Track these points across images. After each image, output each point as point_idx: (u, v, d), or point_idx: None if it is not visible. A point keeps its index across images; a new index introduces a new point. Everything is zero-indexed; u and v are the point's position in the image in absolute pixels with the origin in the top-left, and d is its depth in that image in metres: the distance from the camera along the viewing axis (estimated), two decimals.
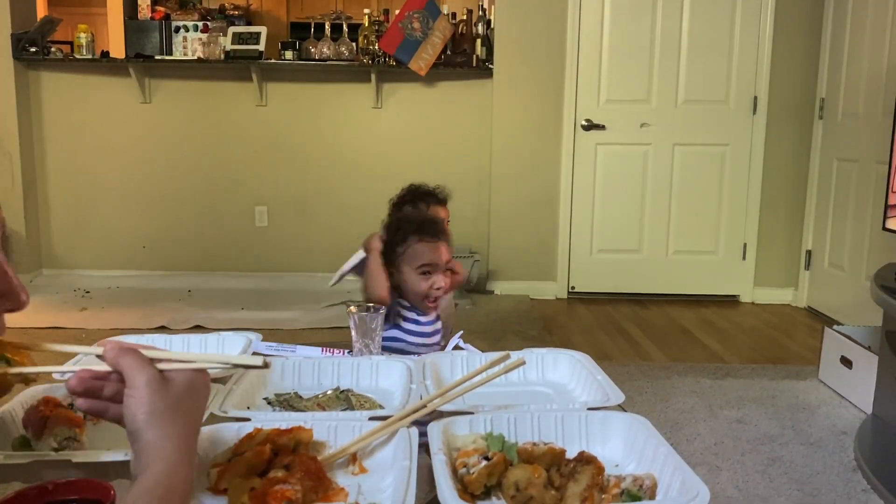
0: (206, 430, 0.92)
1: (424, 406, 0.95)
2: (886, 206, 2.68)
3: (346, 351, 1.26)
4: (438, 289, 1.57)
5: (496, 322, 3.71)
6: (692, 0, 4.03)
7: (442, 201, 2.30)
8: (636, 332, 3.64)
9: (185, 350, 1.35)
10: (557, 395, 1.14)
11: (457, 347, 1.31)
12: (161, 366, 0.72)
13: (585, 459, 0.86)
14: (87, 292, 4.15)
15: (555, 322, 3.83)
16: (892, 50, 3.25)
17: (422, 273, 1.58)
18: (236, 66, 4.25)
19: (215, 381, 1.11)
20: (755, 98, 4.07)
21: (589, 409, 0.99)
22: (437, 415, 0.95)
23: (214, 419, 0.95)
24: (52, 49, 4.31)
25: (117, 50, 5.63)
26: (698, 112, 4.11)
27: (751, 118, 4.10)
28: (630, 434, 0.93)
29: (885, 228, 2.69)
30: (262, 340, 1.35)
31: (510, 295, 4.25)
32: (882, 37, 3.39)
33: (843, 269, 3.74)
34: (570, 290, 4.30)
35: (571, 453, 0.89)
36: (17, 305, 0.71)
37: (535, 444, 0.90)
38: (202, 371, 0.75)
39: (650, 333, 3.62)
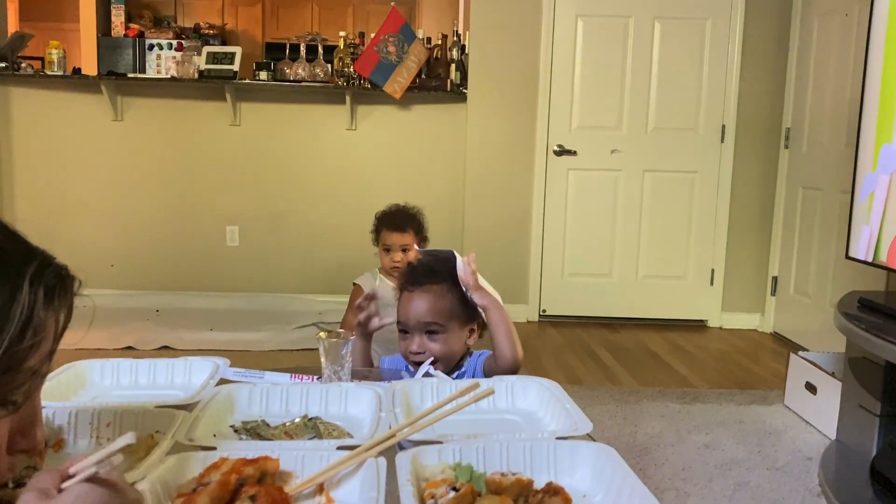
0: (171, 459, 0.91)
1: (393, 436, 0.95)
2: (849, 234, 2.73)
3: (316, 377, 1.26)
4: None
5: None
6: (662, 31, 4.11)
7: (395, 227, 2.51)
8: (606, 356, 3.66)
9: (151, 373, 1.34)
10: (526, 424, 1.15)
11: (427, 374, 1.31)
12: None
13: (553, 490, 0.87)
14: None
15: (526, 345, 3.80)
16: (855, 82, 3.34)
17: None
18: (210, 85, 4.24)
19: (181, 407, 1.10)
20: (723, 126, 4.16)
21: (558, 438, 0.99)
22: (406, 443, 0.95)
23: (180, 447, 0.94)
24: (23, 65, 4.27)
25: (89, 67, 5.59)
26: (668, 139, 4.18)
27: (719, 146, 4.18)
28: (598, 464, 0.94)
29: (848, 256, 2.75)
30: (231, 365, 1.34)
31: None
32: (845, 69, 3.49)
33: (808, 296, 3.80)
34: (542, 314, 4.32)
35: (540, 483, 0.89)
36: (33, 447, 0.71)
37: (503, 474, 0.90)
38: (100, 480, 0.68)
39: (620, 357, 3.65)
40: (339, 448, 0.94)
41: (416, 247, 2.46)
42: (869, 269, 2.95)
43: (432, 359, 1.35)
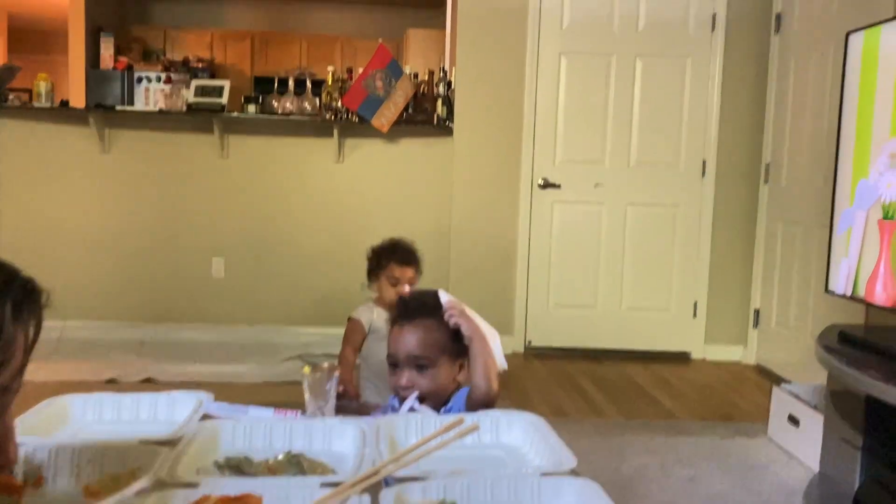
0: (153, 497, 0.91)
1: (377, 472, 0.95)
2: (828, 269, 2.77)
3: (300, 412, 1.26)
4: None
5: None
6: (644, 69, 4.19)
7: (402, 261, 2.55)
8: (591, 388, 3.67)
9: (134, 408, 1.33)
10: (511, 459, 1.16)
11: (412, 409, 1.32)
12: None
13: None
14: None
15: (512, 377, 3.84)
16: (832, 119, 3.41)
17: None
18: (198, 118, 4.27)
19: (164, 443, 1.10)
20: (704, 162, 4.23)
21: (542, 474, 1.00)
22: (391, 480, 0.96)
23: (161, 484, 0.94)
24: (11, 96, 4.28)
25: (77, 99, 5.62)
26: (650, 174, 4.24)
27: (700, 181, 4.24)
28: (582, 500, 0.95)
29: (827, 290, 2.79)
30: (215, 400, 1.34)
31: None
32: (821, 106, 3.57)
33: (789, 328, 3.84)
34: (527, 345, 4.33)
35: None
36: (7, 463, 0.71)
37: None
38: None
39: (605, 389, 3.65)
40: (323, 485, 0.95)
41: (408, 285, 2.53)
42: (848, 302, 2.99)
43: (417, 394, 1.36)
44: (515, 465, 1.13)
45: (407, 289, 2.53)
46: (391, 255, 2.61)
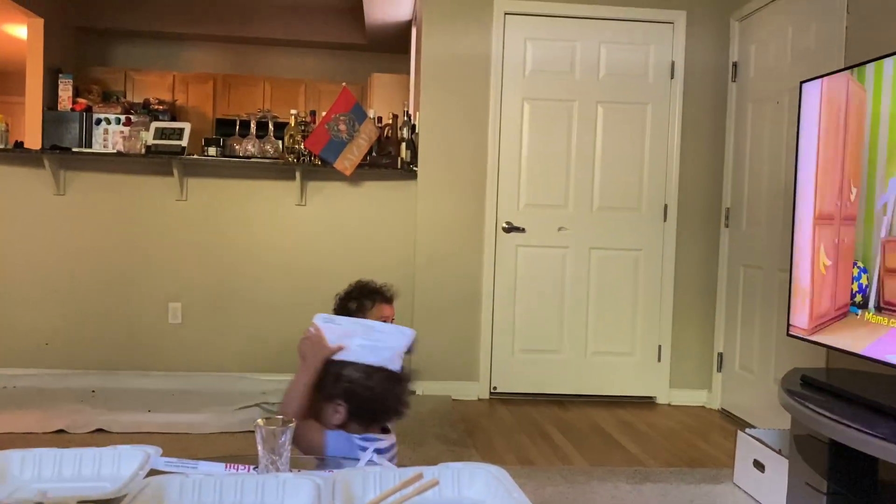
0: None
1: None
2: (789, 313, 2.80)
3: (252, 467, 1.20)
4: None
5: (417, 424, 3.63)
6: (605, 115, 4.26)
7: (388, 299, 2.49)
8: (557, 435, 3.62)
9: (76, 464, 1.25)
10: None
11: (371, 462, 1.26)
12: None
13: None
14: None
15: (477, 424, 3.78)
16: (789, 165, 3.49)
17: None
18: (157, 160, 4.20)
19: (105, 502, 1.03)
20: (665, 206, 4.28)
21: None
22: None
23: None
24: None
25: (34, 140, 5.51)
26: (613, 218, 4.27)
27: (662, 225, 4.28)
28: None
29: (789, 334, 2.81)
30: (169, 449, 1.27)
31: (432, 395, 4.19)
32: (778, 153, 3.65)
33: (752, 372, 3.86)
34: (492, 391, 4.28)
35: None
36: None
37: None
38: None
39: (570, 436, 3.61)
40: None
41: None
42: (810, 346, 3.01)
43: (375, 447, 1.30)
44: None
45: None
46: (376, 295, 2.55)
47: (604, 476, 3.05)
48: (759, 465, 2.82)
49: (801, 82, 2.77)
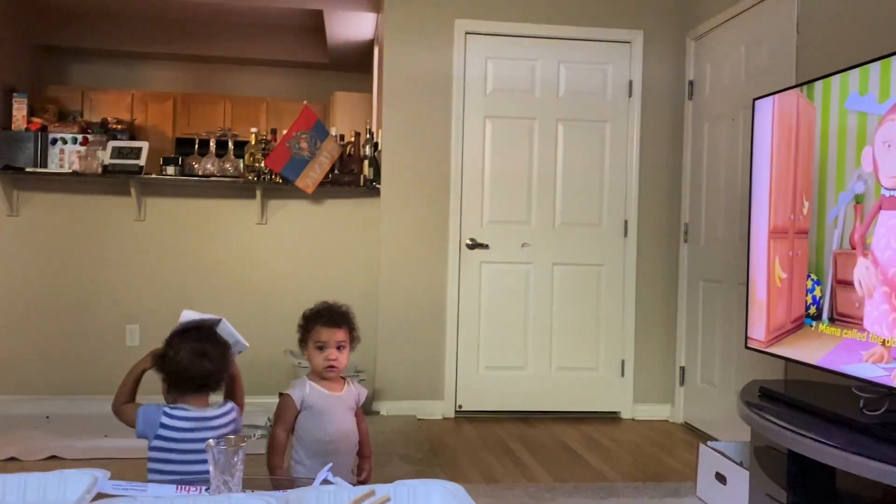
0: None
1: None
2: (747, 326, 2.84)
3: (204, 488, 1.17)
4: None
5: (381, 445, 3.59)
6: (565, 133, 4.31)
7: (329, 322, 2.31)
8: (522, 452, 3.61)
9: (20, 491, 1.21)
10: None
11: (325, 481, 1.24)
12: None
13: None
14: None
15: (442, 443, 3.75)
16: (744, 182, 3.56)
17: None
18: (114, 180, 4.13)
19: None
20: (626, 222, 4.32)
21: None
22: None
23: None
24: None
25: None
26: (574, 234, 4.31)
27: (622, 240, 4.33)
28: None
29: (747, 347, 2.84)
30: (125, 476, 1.24)
31: (397, 416, 4.15)
32: (735, 170, 3.72)
33: (714, 385, 3.90)
34: (458, 409, 4.26)
35: None
36: None
37: None
38: None
39: (535, 452, 3.60)
40: None
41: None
42: (768, 358, 3.05)
43: (330, 465, 1.28)
44: None
45: (334, 354, 2.28)
46: (317, 318, 2.36)
47: (569, 492, 3.04)
48: (720, 478, 2.84)
49: (754, 99, 2.84)
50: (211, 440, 1.14)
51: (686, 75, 4.28)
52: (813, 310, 2.44)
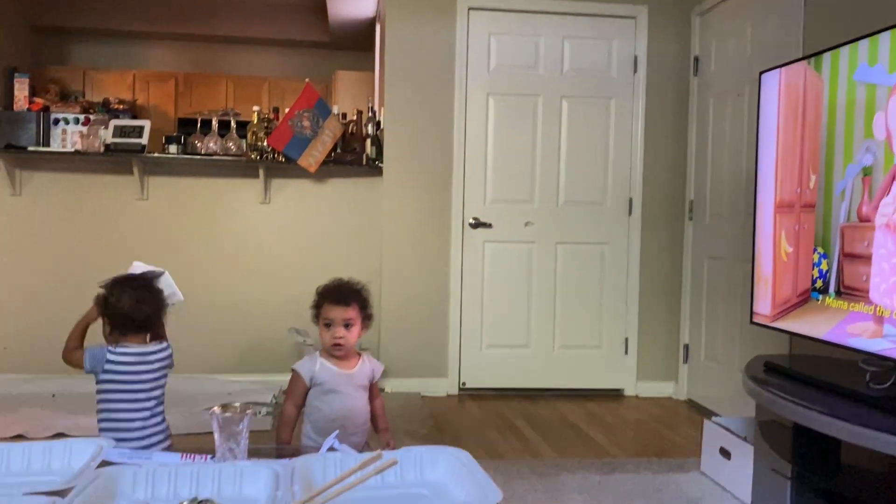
0: None
1: None
2: (752, 302, 2.83)
3: (209, 456, 1.17)
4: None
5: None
6: (570, 110, 4.27)
7: (338, 300, 2.29)
8: (526, 428, 3.62)
9: (25, 458, 1.21)
10: (435, 497, 1.09)
11: (332, 449, 1.24)
12: None
13: None
14: None
15: (446, 420, 3.76)
16: (750, 158, 3.53)
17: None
18: (117, 159, 4.12)
19: (55, 493, 0.99)
20: (630, 200, 4.30)
21: None
22: None
23: None
24: None
25: None
26: (578, 212, 4.29)
27: (627, 218, 4.31)
28: None
29: (752, 322, 2.84)
30: (118, 446, 1.24)
31: (401, 393, 4.16)
32: (740, 146, 3.69)
33: (718, 362, 3.89)
34: (461, 387, 4.26)
35: None
36: None
37: None
38: None
39: (539, 429, 3.61)
40: None
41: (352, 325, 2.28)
42: (773, 334, 3.05)
43: (337, 432, 1.28)
44: (439, 502, 1.07)
45: (341, 332, 2.26)
46: (325, 295, 2.35)
47: (573, 468, 3.05)
48: (725, 453, 2.84)
49: (761, 72, 2.81)
50: (216, 407, 1.14)
51: (691, 51, 4.24)
52: (819, 283, 2.42)
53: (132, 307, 2.13)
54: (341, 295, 2.32)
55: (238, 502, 1.04)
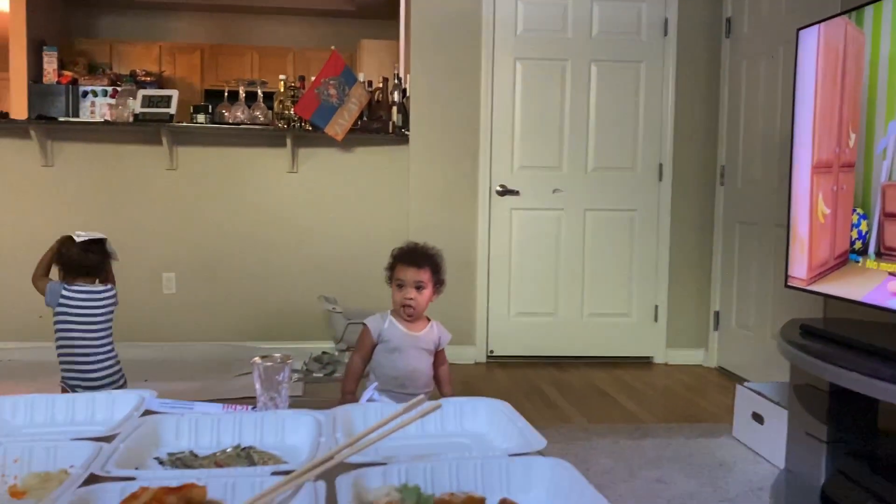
0: (83, 492, 0.81)
1: (332, 458, 0.88)
2: (787, 265, 2.78)
3: (251, 407, 1.17)
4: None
5: None
6: (598, 74, 4.20)
7: (410, 262, 2.37)
8: (555, 395, 3.62)
9: (70, 409, 1.23)
10: (477, 446, 1.09)
11: (371, 400, 1.24)
12: None
13: None
14: None
15: (474, 387, 3.77)
16: (783, 121, 3.46)
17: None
18: (145, 129, 4.14)
19: (100, 439, 1.00)
20: (660, 165, 4.24)
21: (510, 455, 0.94)
22: (348, 467, 0.88)
23: (94, 480, 0.85)
24: None
25: (20, 113, 5.42)
26: (607, 178, 4.24)
27: (657, 184, 4.25)
28: (554, 480, 0.89)
29: (787, 286, 2.79)
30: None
31: None
32: (774, 109, 3.61)
33: (749, 329, 3.85)
34: (489, 354, 4.27)
35: (493, 502, 0.83)
36: None
37: (453, 494, 0.84)
38: None
39: (569, 396, 3.61)
40: (274, 474, 0.87)
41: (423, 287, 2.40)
42: (805, 299, 3.00)
43: (376, 384, 1.28)
44: (481, 451, 1.06)
45: (412, 293, 2.34)
46: (400, 257, 2.42)
47: (603, 433, 3.05)
48: (757, 418, 2.82)
49: (798, 29, 2.73)
50: (257, 357, 1.14)
51: (723, 12, 4.14)
52: (858, 245, 2.37)
53: (80, 255, 2.56)
54: (415, 257, 2.38)
55: (280, 450, 1.05)
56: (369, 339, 2.34)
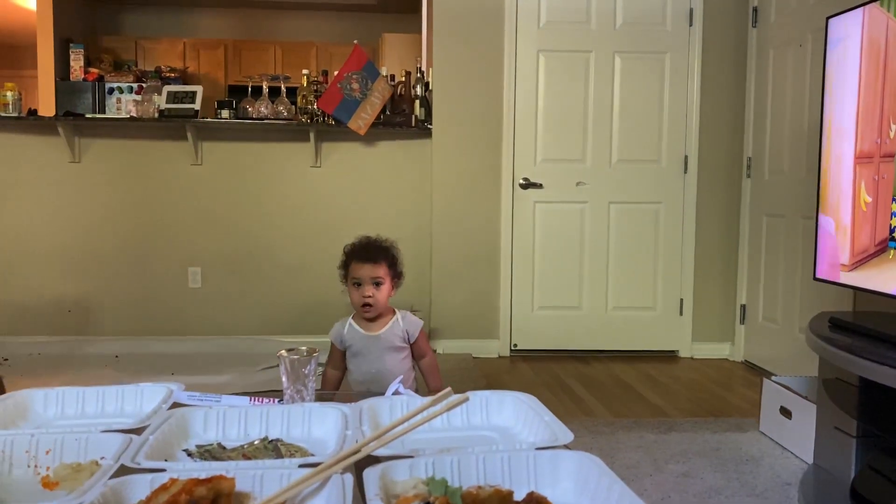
0: (113, 483, 0.82)
1: (359, 450, 0.88)
2: (815, 259, 2.73)
3: (277, 400, 1.18)
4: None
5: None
6: (623, 66, 4.17)
7: (365, 258, 2.23)
8: (579, 389, 3.60)
9: (99, 402, 1.24)
10: (503, 439, 1.08)
11: (396, 393, 1.24)
12: None
13: (535, 500, 0.80)
14: (6, 359, 3.90)
15: (498, 380, 3.76)
16: (812, 111, 3.41)
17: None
18: (170, 124, 4.18)
19: (129, 431, 1.01)
20: (686, 157, 4.20)
21: (537, 448, 0.93)
22: (375, 460, 0.88)
23: (125, 471, 0.86)
24: None
25: (47, 110, 5.51)
26: (632, 171, 4.20)
27: (682, 177, 4.21)
28: (581, 474, 0.88)
29: (816, 278, 2.75)
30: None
31: (453, 353, 4.18)
32: (801, 99, 3.55)
33: (776, 323, 3.80)
34: (513, 348, 4.26)
35: (520, 496, 0.83)
36: None
37: (480, 487, 0.84)
38: None
39: (593, 389, 3.59)
40: (302, 466, 0.87)
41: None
42: (834, 292, 2.96)
43: (401, 378, 1.28)
44: (508, 444, 1.06)
45: (370, 290, 2.17)
46: (352, 254, 2.27)
47: (628, 427, 3.03)
48: (785, 412, 2.78)
49: (828, 17, 2.68)
50: (283, 350, 1.15)
51: (750, 1, 4.08)
52: None
53: None
54: (370, 252, 2.23)
55: (307, 442, 1.05)
56: (335, 349, 2.25)
